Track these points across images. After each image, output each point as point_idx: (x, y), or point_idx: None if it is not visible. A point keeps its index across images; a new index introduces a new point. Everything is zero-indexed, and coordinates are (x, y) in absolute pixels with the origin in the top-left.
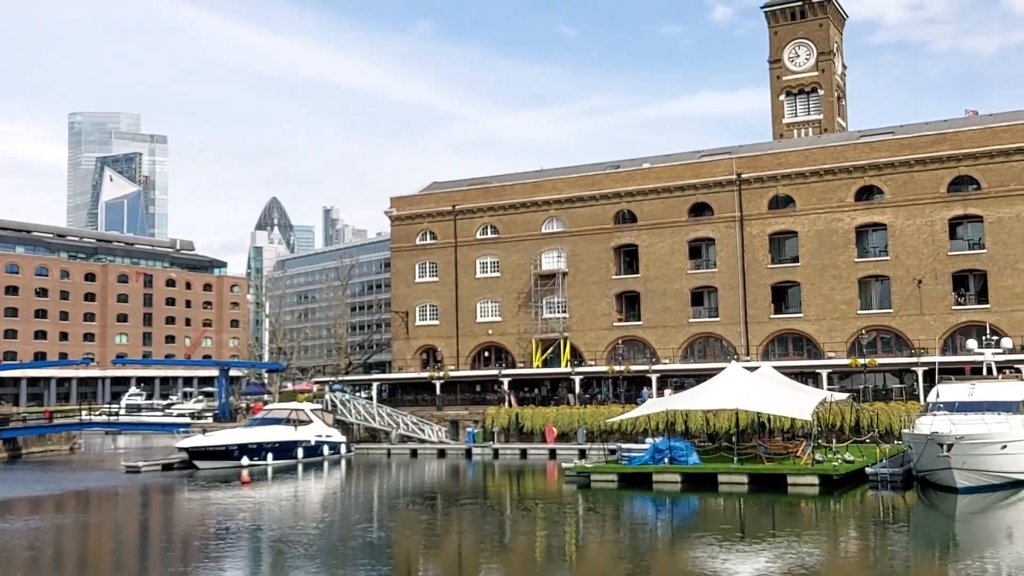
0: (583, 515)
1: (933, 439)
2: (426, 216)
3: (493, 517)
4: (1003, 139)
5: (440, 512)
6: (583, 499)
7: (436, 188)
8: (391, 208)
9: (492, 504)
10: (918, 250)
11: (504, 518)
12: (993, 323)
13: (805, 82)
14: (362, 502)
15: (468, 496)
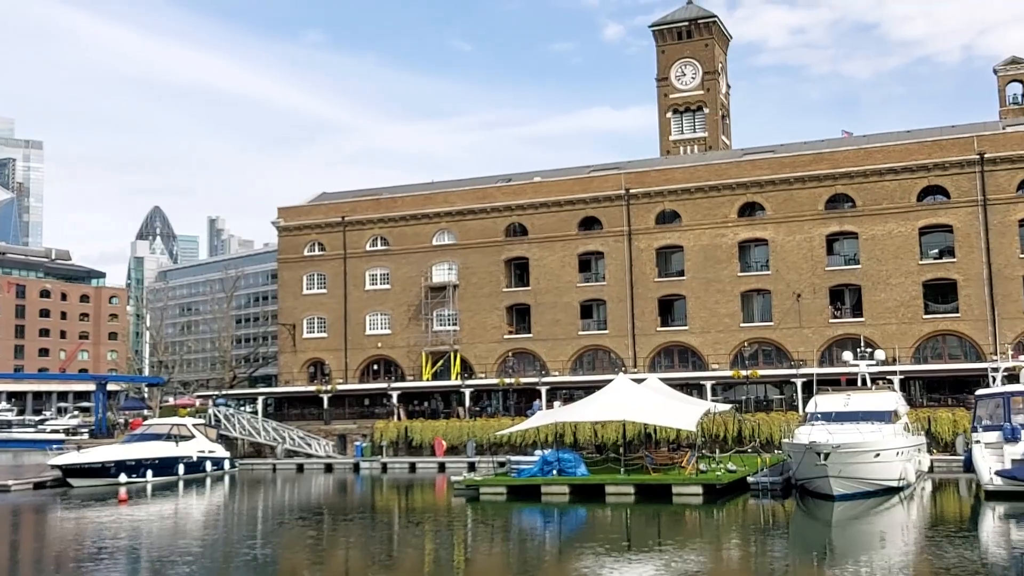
0: (472, 527)
1: (811, 448)
2: (315, 227)
3: (381, 531)
4: (876, 159)
5: (327, 527)
6: (472, 512)
7: (325, 199)
8: (279, 218)
9: (380, 518)
10: (798, 265)
11: (392, 532)
12: (867, 336)
13: (691, 100)
14: (246, 519)
15: (356, 511)
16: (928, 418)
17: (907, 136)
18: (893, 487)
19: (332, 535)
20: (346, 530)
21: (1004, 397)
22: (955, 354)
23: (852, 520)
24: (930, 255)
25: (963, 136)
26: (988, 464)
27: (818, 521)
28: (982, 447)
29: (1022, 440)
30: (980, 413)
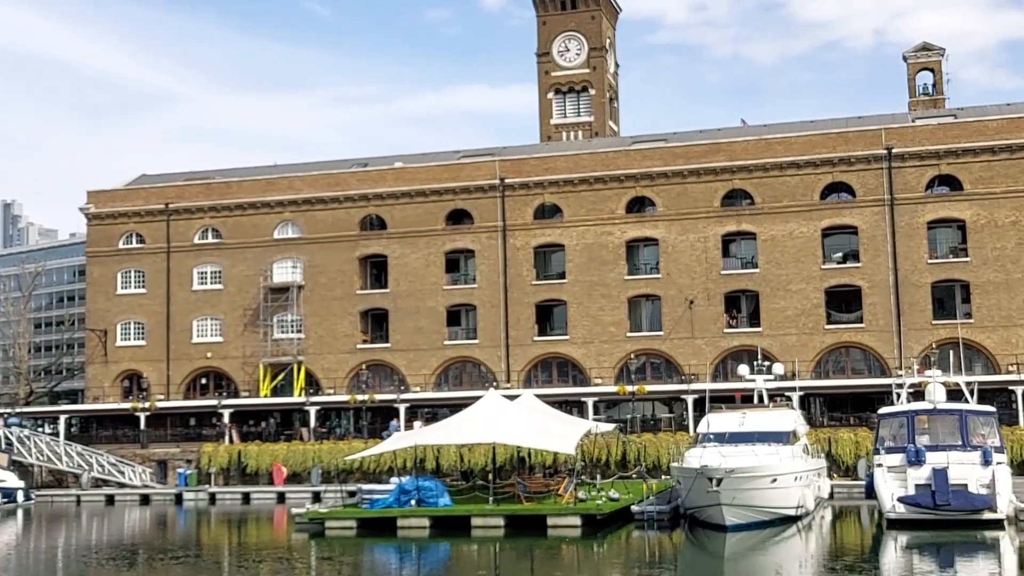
0: (316, 568)
1: (702, 473)
2: (132, 215)
3: (207, 574)
4: (777, 152)
5: (141, 570)
6: (316, 549)
7: (146, 182)
8: (88, 204)
9: (207, 558)
10: (691, 268)
11: (221, 574)
12: (765, 347)
13: (575, 80)
14: (43, 559)
15: (177, 550)
16: (829, 439)
17: (811, 127)
18: (791, 516)
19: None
20: (165, 573)
21: (908, 416)
22: (859, 368)
23: (746, 553)
24: (833, 259)
25: (870, 128)
26: (890, 490)
27: (709, 554)
28: (884, 471)
29: (927, 463)
30: (883, 434)
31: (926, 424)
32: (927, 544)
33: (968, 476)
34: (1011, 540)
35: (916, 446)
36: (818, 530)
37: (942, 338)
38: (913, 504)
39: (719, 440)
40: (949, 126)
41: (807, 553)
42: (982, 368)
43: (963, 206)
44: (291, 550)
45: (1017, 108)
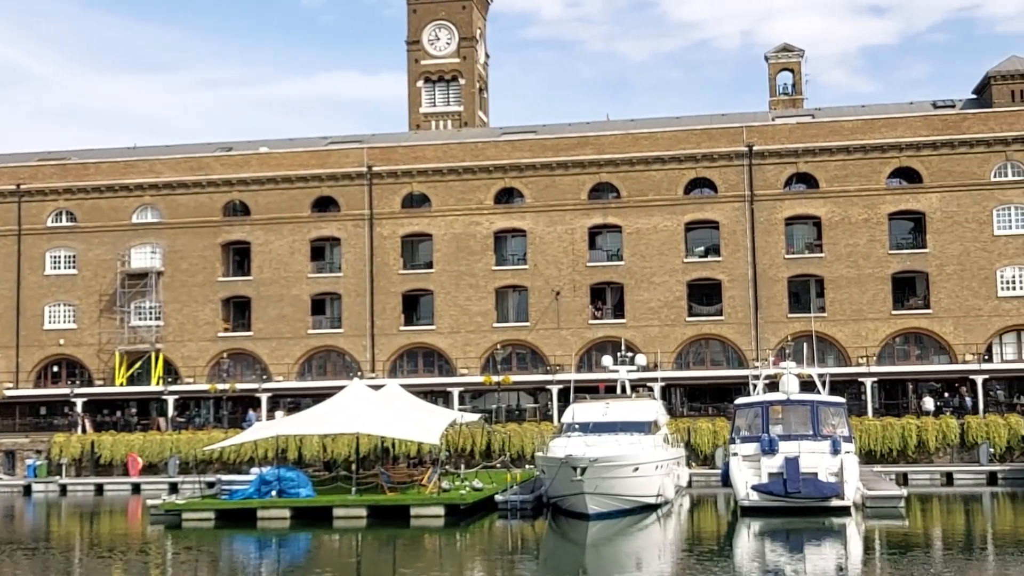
0: (171, 561)
1: (566, 462)
2: None
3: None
4: (643, 146)
5: None
6: (172, 542)
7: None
8: None
9: (56, 551)
10: (558, 259)
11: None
12: (629, 339)
13: (445, 69)
14: None
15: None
16: (688, 428)
17: (676, 123)
18: (651, 504)
19: None
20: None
21: (763, 407)
22: (718, 360)
23: (607, 541)
24: (696, 253)
25: (733, 126)
26: (745, 478)
27: (571, 543)
28: (739, 460)
29: (780, 452)
30: (739, 423)
31: (780, 414)
32: (778, 530)
33: (818, 465)
34: (857, 526)
35: (770, 436)
36: (676, 518)
37: (797, 331)
38: (766, 492)
39: (583, 430)
40: (807, 125)
41: (666, 540)
42: (834, 360)
43: (819, 203)
44: (146, 542)
45: (871, 110)
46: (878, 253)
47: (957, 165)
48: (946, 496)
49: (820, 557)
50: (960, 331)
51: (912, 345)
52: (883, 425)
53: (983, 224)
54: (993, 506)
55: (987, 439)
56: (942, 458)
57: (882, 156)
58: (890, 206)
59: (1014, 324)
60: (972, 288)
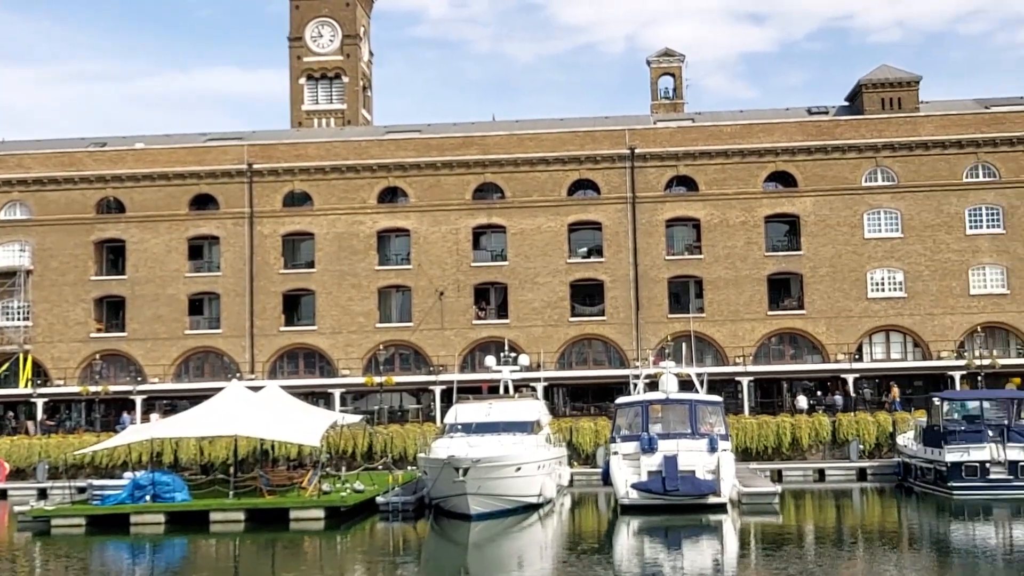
0: (39, 570)
1: (449, 463)
2: None
3: None
4: (528, 148)
5: None
6: (41, 550)
7: None
8: None
9: None
10: (442, 259)
11: None
12: (512, 339)
13: (328, 66)
14: None
15: None
16: (570, 428)
17: (560, 125)
18: (533, 503)
19: None
20: None
21: (643, 406)
22: (600, 360)
23: (489, 541)
24: (579, 253)
25: (615, 129)
26: (624, 477)
27: (453, 543)
28: (620, 458)
29: (659, 451)
30: (619, 423)
31: (659, 413)
32: (657, 528)
33: (696, 463)
34: (733, 522)
35: (649, 434)
36: (558, 517)
37: (677, 331)
38: (645, 490)
39: (466, 430)
40: (687, 129)
41: (547, 539)
42: (712, 360)
43: (698, 206)
44: (13, 550)
45: (749, 115)
46: (755, 255)
47: (830, 170)
48: (818, 492)
49: (697, 553)
50: (832, 331)
51: (787, 345)
52: (759, 423)
53: (854, 227)
54: (862, 501)
55: (857, 436)
56: (815, 455)
57: (759, 160)
58: (766, 209)
59: (883, 324)
60: (844, 290)
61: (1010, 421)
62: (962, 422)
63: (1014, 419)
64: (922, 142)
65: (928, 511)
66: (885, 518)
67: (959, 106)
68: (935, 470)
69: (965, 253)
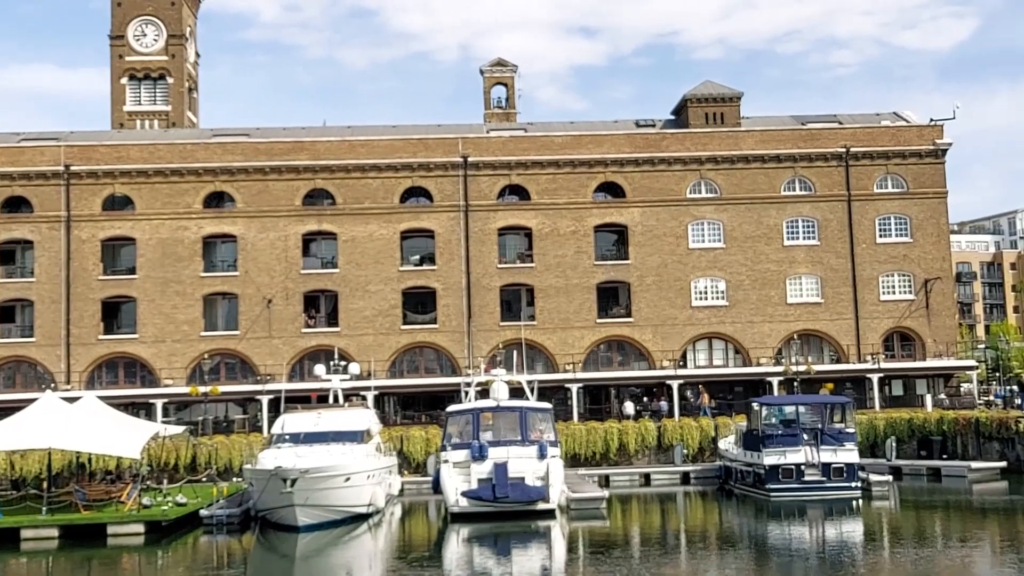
0: None
1: (276, 474)
2: None
3: None
4: (359, 154)
5: None
6: None
7: None
8: None
9: None
10: (270, 266)
11: None
12: (342, 347)
13: (152, 66)
14: None
15: None
16: (401, 437)
17: (393, 131)
18: (363, 513)
19: None
20: None
21: (474, 414)
22: (432, 368)
23: (317, 552)
24: (411, 261)
25: (448, 137)
26: (455, 485)
27: (280, 556)
28: (450, 467)
29: (489, 458)
30: (451, 431)
31: (490, 421)
32: (487, 535)
33: (526, 469)
34: (561, 528)
35: (480, 442)
36: (388, 527)
37: (508, 339)
38: (475, 497)
39: (294, 440)
40: (519, 139)
41: (377, 549)
42: (543, 367)
43: (530, 215)
44: None
45: (579, 127)
46: (584, 264)
47: (657, 182)
48: (644, 496)
49: (526, 559)
50: (658, 339)
51: (615, 352)
52: (587, 429)
53: (679, 238)
54: (686, 504)
55: (681, 441)
56: (641, 460)
57: (589, 171)
58: (596, 219)
59: (706, 332)
60: (669, 298)
61: (823, 425)
62: (779, 426)
63: (827, 423)
64: (743, 156)
65: (747, 512)
66: (707, 520)
67: (777, 122)
68: (754, 473)
69: (783, 263)
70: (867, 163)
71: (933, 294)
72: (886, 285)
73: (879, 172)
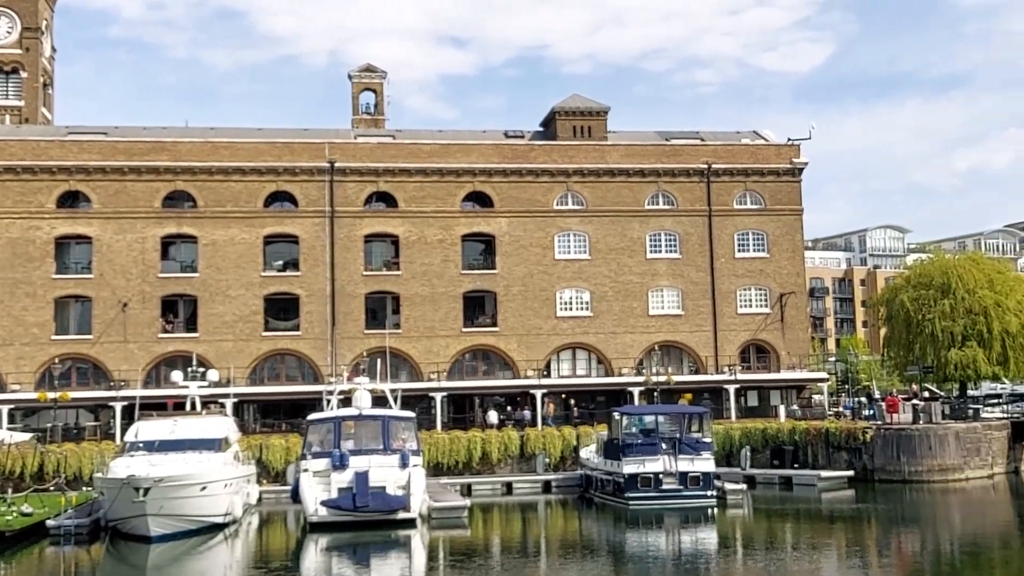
0: None
1: (128, 483)
2: None
3: None
4: (223, 156)
5: None
6: None
7: None
8: None
9: None
10: (127, 269)
11: None
12: (201, 353)
13: (4, 60)
14: None
15: None
16: (261, 445)
17: (259, 134)
18: (219, 523)
19: None
20: None
21: (335, 422)
22: (293, 375)
23: (170, 563)
24: (274, 267)
25: (315, 141)
26: (314, 494)
27: (131, 567)
28: (310, 476)
29: (350, 467)
30: (311, 439)
31: (352, 429)
32: (346, 545)
33: (387, 478)
34: (422, 537)
35: (341, 451)
36: (244, 536)
37: (373, 347)
38: (335, 507)
39: (148, 448)
40: (387, 146)
41: (232, 560)
42: (407, 375)
43: (397, 222)
44: None
45: (448, 135)
46: (451, 272)
47: (524, 192)
48: (506, 504)
49: (386, 568)
50: (523, 348)
51: (480, 361)
52: (451, 438)
53: (546, 248)
54: (546, 512)
55: (544, 450)
56: (504, 469)
57: (457, 180)
58: (464, 228)
59: (570, 342)
60: (534, 308)
61: (681, 434)
62: (639, 435)
63: (685, 432)
64: (609, 169)
65: (606, 520)
66: (567, 528)
67: (642, 137)
68: (614, 482)
69: (645, 276)
70: (727, 179)
71: (788, 308)
72: (743, 299)
73: (738, 189)
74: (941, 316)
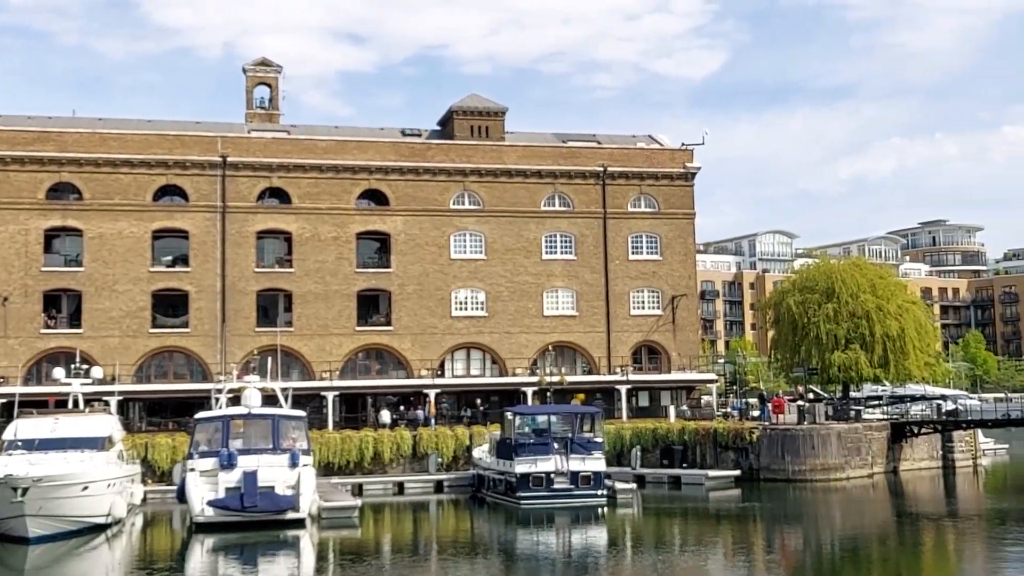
0: None
1: (5, 483)
2: None
3: None
4: (111, 148)
5: None
6: None
7: None
8: None
9: None
10: (8, 262)
11: None
12: (85, 350)
13: None
14: None
15: None
16: (146, 444)
17: (149, 126)
18: (101, 524)
19: None
20: None
21: (224, 421)
22: (182, 373)
23: (50, 565)
24: (163, 262)
25: (207, 135)
26: (201, 494)
27: (9, 570)
28: (196, 475)
29: (238, 467)
30: (198, 438)
31: (241, 428)
32: (233, 545)
33: (276, 478)
34: (311, 537)
35: (229, 450)
36: (128, 537)
37: (264, 345)
38: (222, 507)
39: (27, 447)
40: (282, 141)
41: (114, 561)
42: (299, 374)
43: (291, 219)
44: None
45: (344, 132)
46: (345, 271)
47: (421, 191)
48: (397, 504)
49: (274, 568)
50: (417, 347)
51: (373, 360)
52: (342, 438)
53: (442, 248)
54: (438, 512)
55: (436, 449)
56: (396, 468)
57: (353, 177)
58: (359, 226)
59: (464, 342)
60: (429, 307)
61: (573, 434)
62: (532, 435)
63: (577, 432)
64: (506, 170)
65: (498, 520)
66: (458, 527)
67: (539, 139)
68: (506, 481)
69: (541, 276)
70: (622, 182)
71: (679, 310)
72: (636, 300)
73: (633, 192)
74: (825, 319)
